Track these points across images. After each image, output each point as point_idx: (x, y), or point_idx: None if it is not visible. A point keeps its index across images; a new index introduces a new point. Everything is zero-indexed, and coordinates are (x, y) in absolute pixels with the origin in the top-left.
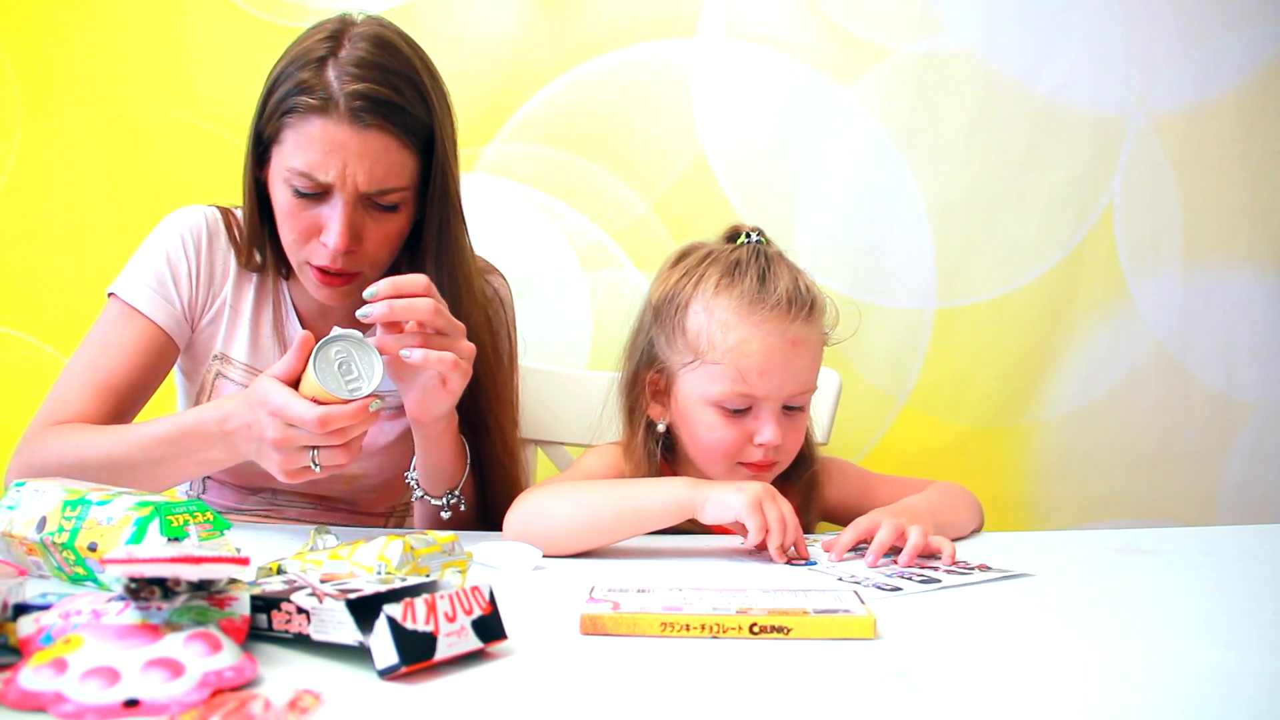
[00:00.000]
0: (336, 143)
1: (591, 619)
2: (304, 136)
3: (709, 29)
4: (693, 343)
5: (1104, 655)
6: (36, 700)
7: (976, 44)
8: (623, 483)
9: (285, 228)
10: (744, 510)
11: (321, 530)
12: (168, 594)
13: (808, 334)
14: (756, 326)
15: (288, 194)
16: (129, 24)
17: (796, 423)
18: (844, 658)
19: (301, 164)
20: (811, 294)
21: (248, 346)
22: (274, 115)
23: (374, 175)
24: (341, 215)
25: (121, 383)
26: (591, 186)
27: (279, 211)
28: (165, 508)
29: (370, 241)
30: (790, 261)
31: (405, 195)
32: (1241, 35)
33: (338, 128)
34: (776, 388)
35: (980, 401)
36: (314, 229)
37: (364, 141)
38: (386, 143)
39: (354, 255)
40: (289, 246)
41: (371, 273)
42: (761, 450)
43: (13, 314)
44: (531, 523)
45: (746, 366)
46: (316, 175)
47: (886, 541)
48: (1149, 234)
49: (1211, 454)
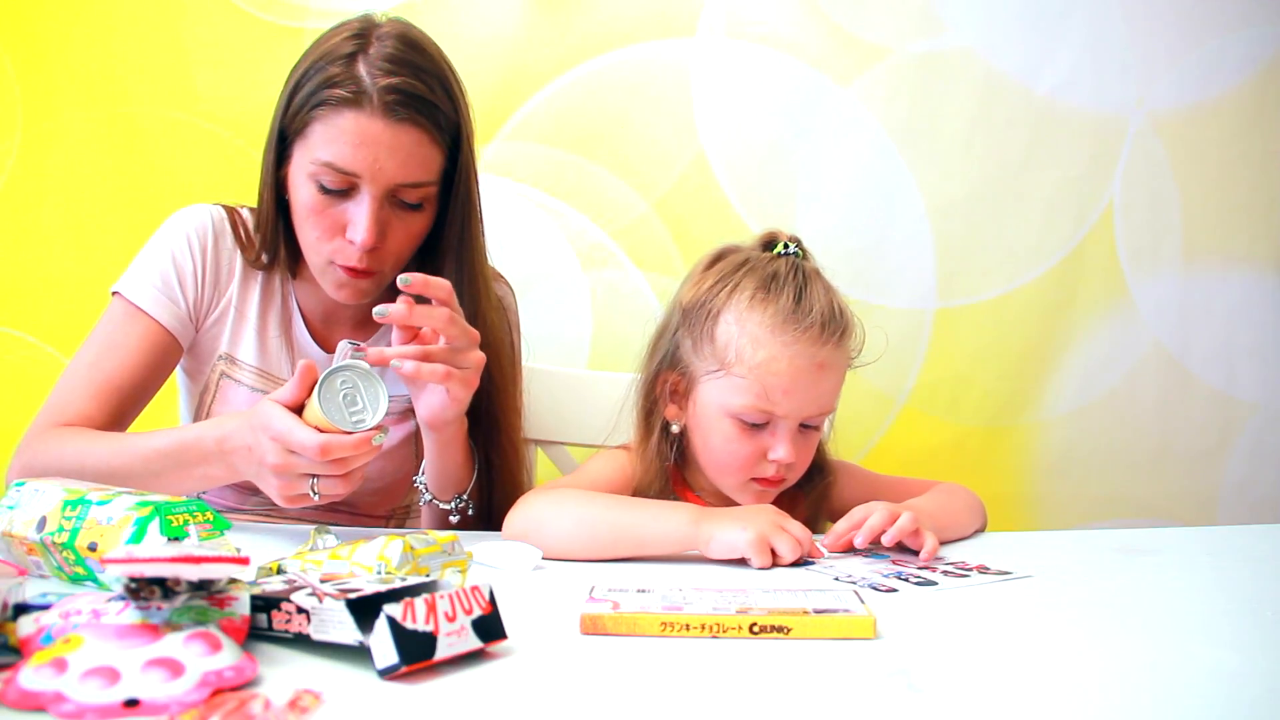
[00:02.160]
0: (369, 136)
1: (591, 619)
2: (334, 129)
3: (709, 29)
4: (720, 352)
5: (1104, 655)
6: (36, 700)
7: (976, 44)
8: (626, 503)
9: (307, 225)
10: (749, 549)
11: (321, 530)
12: (168, 594)
13: (836, 358)
14: (787, 346)
15: (311, 190)
16: (129, 24)
17: (810, 441)
18: (844, 658)
19: (330, 156)
20: (845, 319)
21: (254, 348)
22: (301, 110)
23: (406, 169)
24: (369, 210)
25: (124, 383)
26: (591, 186)
27: (300, 209)
28: (165, 508)
29: (393, 239)
30: (825, 280)
31: (431, 192)
32: (1241, 35)
33: (370, 121)
34: (798, 408)
35: (980, 401)
36: (338, 226)
37: (396, 135)
38: (419, 137)
39: (377, 253)
40: (310, 245)
41: (391, 272)
42: (774, 466)
43: (13, 314)
44: (530, 530)
45: (772, 385)
46: (346, 168)
47: (878, 526)
48: (1149, 234)
49: (1211, 454)
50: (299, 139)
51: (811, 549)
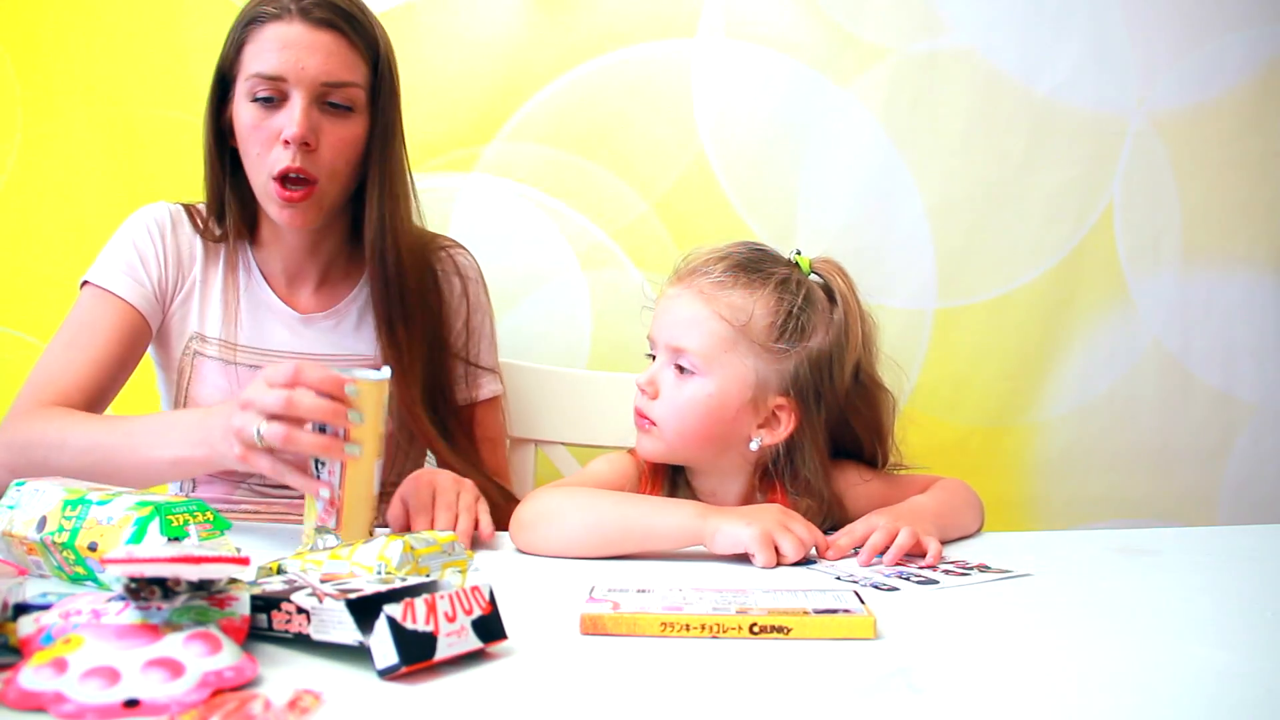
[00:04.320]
0: (290, 39)
1: (592, 619)
2: (261, 43)
3: (709, 29)
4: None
5: (1104, 655)
6: (36, 700)
7: (976, 44)
8: (633, 500)
9: (249, 145)
10: (753, 544)
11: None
12: (168, 594)
13: (692, 296)
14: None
15: (249, 109)
16: (129, 24)
17: (680, 384)
18: (844, 658)
19: (258, 67)
20: (742, 277)
21: (220, 318)
22: (233, 46)
23: (328, 66)
24: (300, 107)
25: (100, 359)
26: (591, 186)
27: (242, 133)
28: (165, 508)
29: (326, 145)
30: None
31: (357, 95)
32: (1241, 35)
33: (289, 27)
34: (656, 331)
35: (980, 401)
36: (275, 134)
37: (316, 37)
38: (338, 39)
39: (312, 157)
40: (252, 165)
41: (329, 185)
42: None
43: (13, 314)
44: (539, 521)
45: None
46: (272, 72)
47: (879, 544)
48: (1149, 234)
49: (1211, 454)
50: (235, 71)
51: (819, 548)
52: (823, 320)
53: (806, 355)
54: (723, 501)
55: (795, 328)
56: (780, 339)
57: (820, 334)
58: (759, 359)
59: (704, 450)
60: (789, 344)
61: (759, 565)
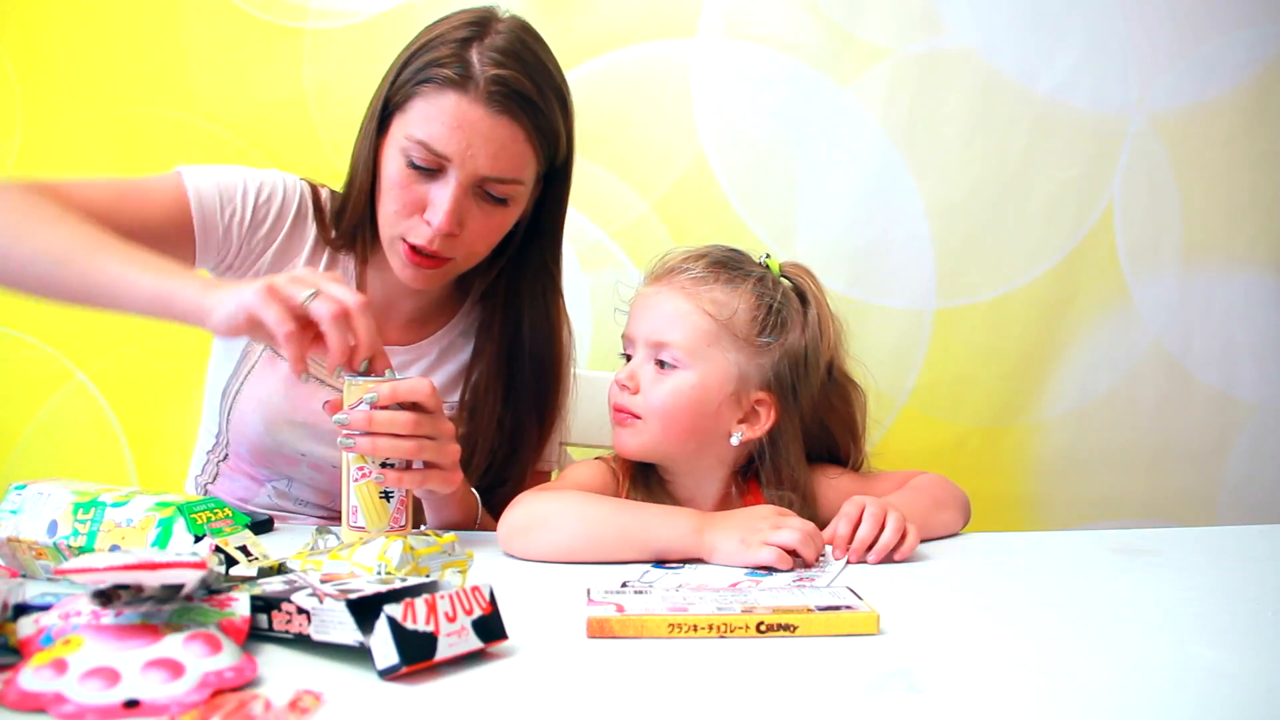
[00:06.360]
0: (467, 121)
1: (599, 622)
2: (434, 108)
3: (709, 29)
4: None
5: (1104, 655)
6: (36, 701)
7: (976, 44)
8: (630, 507)
9: (389, 198)
10: (752, 561)
11: (322, 531)
12: (136, 599)
13: (671, 294)
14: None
15: (400, 164)
16: (129, 24)
17: (661, 376)
18: (846, 656)
19: (425, 134)
20: (706, 274)
21: None
22: (406, 84)
23: (497, 162)
24: (452, 195)
25: (129, 217)
26: (591, 186)
27: (385, 181)
28: (188, 507)
29: (470, 231)
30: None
31: (518, 192)
32: (1241, 35)
33: (471, 106)
34: (633, 326)
35: (980, 401)
36: (419, 204)
37: (494, 126)
38: (515, 133)
39: (452, 240)
40: (386, 218)
41: (463, 264)
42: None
43: (13, 314)
44: (532, 525)
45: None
46: (439, 148)
47: (866, 539)
48: (1149, 234)
49: (1211, 454)
50: (398, 113)
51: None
52: (798, 318)
53: (785, 351)
54: (700, 504)
55: (775, 323)
56: (761, 334)
57: (797, 331)
58: (740, 353)
59: (685, 444)
60: (769, 339)
61: (781, 568)
